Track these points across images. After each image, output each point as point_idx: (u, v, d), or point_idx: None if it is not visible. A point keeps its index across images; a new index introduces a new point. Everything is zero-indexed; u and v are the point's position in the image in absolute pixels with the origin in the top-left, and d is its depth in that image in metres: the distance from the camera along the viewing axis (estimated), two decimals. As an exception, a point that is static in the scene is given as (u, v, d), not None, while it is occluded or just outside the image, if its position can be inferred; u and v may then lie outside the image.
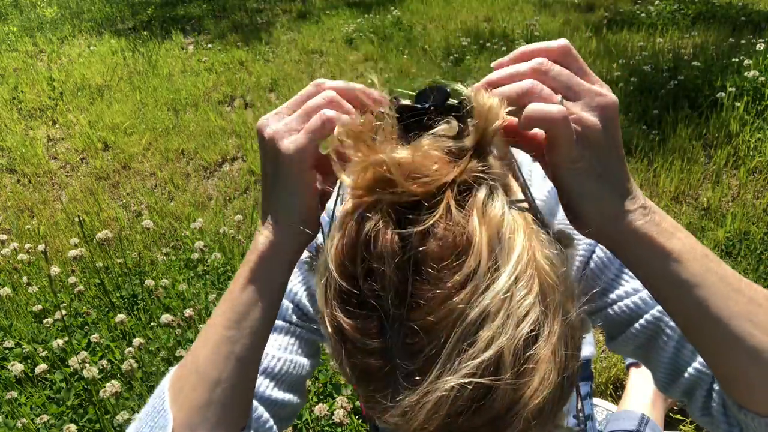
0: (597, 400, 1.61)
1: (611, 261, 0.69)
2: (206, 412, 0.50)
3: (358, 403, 1.61)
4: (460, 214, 0.40)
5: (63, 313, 1.97)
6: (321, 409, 1.52)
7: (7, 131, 3.79)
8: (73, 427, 1.54)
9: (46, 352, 1.88)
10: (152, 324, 1.98)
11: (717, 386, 0.60)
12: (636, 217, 0.46)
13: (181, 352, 1.76)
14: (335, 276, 0.43)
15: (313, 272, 0.48)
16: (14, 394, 1.72)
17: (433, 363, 0.38)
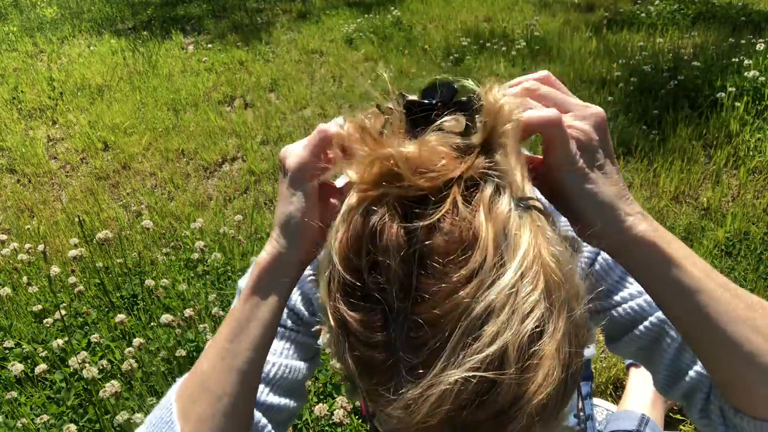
0: (597, 400, 1.61)
1: (615, 264, 0.69)
2: (211, 424, 0.53)
3: (358, 403, 1.61)
4: (467, 209, 0.41)
5: (63, 313, 1.97)
6: (321, 409, 1.52)
7: (7, 131, 3.78)
8: (73, 427, 1.54)
9: (46, 352, 1.88)
10: (152, 324, 1.98)
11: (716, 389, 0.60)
12: (636, 222, 0.49)
13: (181, 352, 1.76)
14: (339, 269, 0.43)
15: (314, 284, 0.49)
16: (14, 394, 1.72)
17: (437, 356, 0.38)
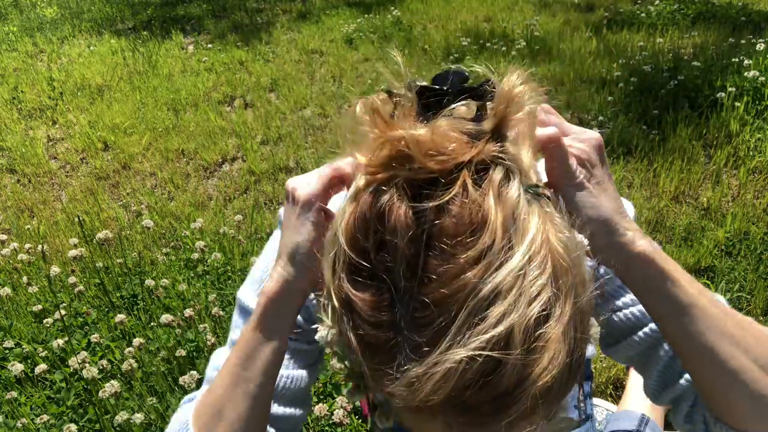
0: (597, 400, 1.61)
1: None
2: None
3: (359, 404, 1.61)
4: (477, 192, 0.41)
5: (63, 313, 1.97)
6: (321, 409, 1.52)
7: (7, 131, 3.78)
8: (73, 427, 1.54)
9: (46, 352, 1.88)
10: (152, 324, 1.98)
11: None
12: (636, 237, 0.52)
13: (180, 352, 1.76)
14: (345, 249, 0.43)
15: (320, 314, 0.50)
16: (14, 394, 1.72)
17: (443, 336, 0.38)
